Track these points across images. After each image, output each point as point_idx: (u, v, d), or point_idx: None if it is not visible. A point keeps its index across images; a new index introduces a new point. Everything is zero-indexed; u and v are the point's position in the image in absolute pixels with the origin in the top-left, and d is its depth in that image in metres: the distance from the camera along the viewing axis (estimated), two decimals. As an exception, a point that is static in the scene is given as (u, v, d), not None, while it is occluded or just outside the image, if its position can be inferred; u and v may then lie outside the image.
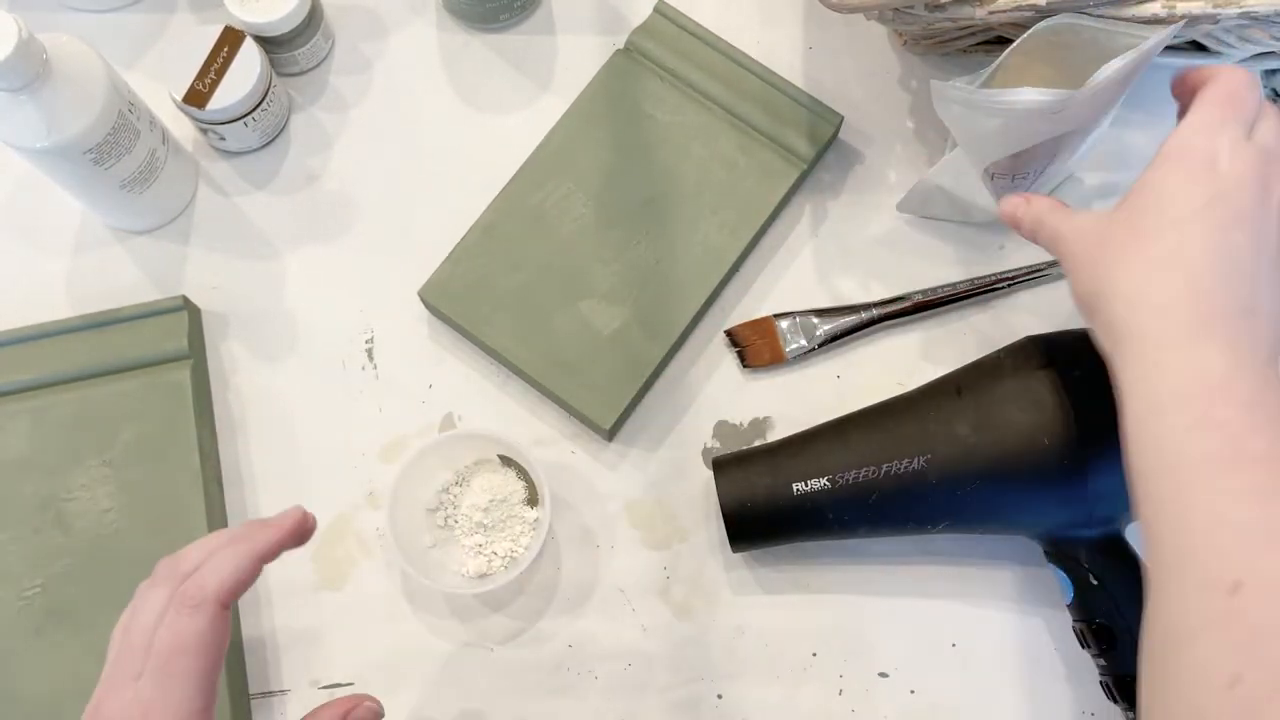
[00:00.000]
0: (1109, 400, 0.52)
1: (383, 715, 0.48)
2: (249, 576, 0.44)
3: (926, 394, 0.56)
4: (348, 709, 0.47)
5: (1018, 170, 0.57)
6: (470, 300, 0.62)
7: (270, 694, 0.59)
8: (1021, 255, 0.64)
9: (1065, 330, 0.56)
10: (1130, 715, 0.54)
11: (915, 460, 0.53)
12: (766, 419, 0.62)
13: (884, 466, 0.54)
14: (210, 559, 0.44)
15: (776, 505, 0.55)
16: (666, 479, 0.62)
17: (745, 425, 0.62)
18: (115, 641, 0.43)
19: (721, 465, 0.57)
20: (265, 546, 0.45)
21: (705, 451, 0.62)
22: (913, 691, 0.58)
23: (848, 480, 0.54)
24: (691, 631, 0.59)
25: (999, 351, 0.56)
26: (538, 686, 0.59)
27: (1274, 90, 0.68)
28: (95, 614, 0.58)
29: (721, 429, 0.62)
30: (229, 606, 0.43)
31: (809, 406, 0.61)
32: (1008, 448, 0.52)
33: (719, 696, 0.59)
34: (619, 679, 0.59)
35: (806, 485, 0.55)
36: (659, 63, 0.66)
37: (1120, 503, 0.53)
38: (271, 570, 0.60)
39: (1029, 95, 0.51)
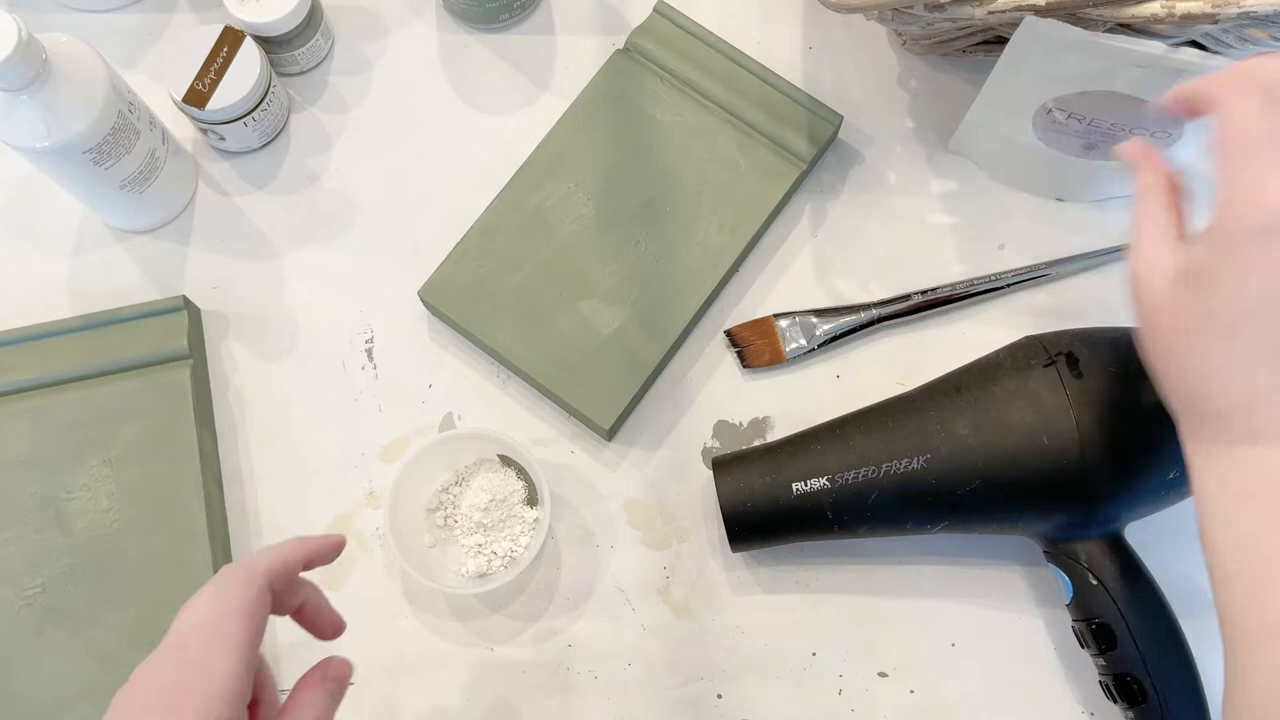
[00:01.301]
0: (1109, 400, 0.53)
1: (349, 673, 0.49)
2: (293, 562, 0.45)
3: (926, 394, 0.56)
4: (322, 675, 0.47)
5: (1083, 113, 0.55)
6: (470, 300, 0.62)
7: (270, 694, 0.59)
8: (1021, 255, 0.64)
9: (1065, 330, 0.56)
10: (1129, 715, 0.54)
11: (915, 460, 0.54)
12: (766, 419, 0.62)
13: (884, 466, 0.54)
14: (255, 553, 0.45)
15: (776, 505, 0.55)
16: (666, 479, 0.62)
17: (745, 425, 0.62)
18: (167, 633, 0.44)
19: (721, 465, 0.58)
20: (309, 544, 0.46)
21: (705, 451, 0.62)
22: (912, 691, 0.58)
23: (848, 480, 0.54)
24: (691, 631, 0.60)
25: (999, 351, 0.56)
26: (538, 686, 0.59)
27: (1273, 90, 0.68)
28: (95, 614, 0.58)
29: (721, 429, 0.62)
30: (272, 587, 0.44)
31: (809, 406, 0.61)
32: (1007, 448, 0.52)
33: (719, 696, 0.59)
34: (619, 679, 0.59)
35: (806, 485, 0.55)
36: (659, 63, 0.66)
37: (1120, 503, 0.53)
38: (271, 570, 0.61)
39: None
